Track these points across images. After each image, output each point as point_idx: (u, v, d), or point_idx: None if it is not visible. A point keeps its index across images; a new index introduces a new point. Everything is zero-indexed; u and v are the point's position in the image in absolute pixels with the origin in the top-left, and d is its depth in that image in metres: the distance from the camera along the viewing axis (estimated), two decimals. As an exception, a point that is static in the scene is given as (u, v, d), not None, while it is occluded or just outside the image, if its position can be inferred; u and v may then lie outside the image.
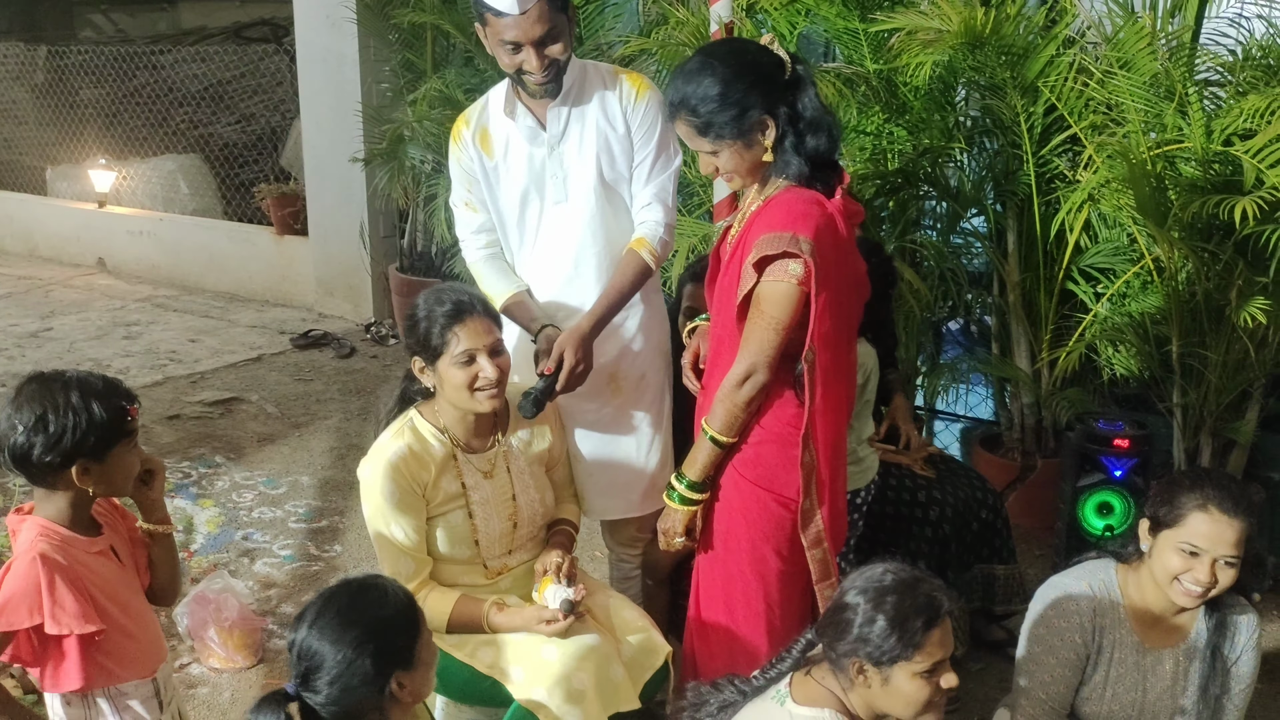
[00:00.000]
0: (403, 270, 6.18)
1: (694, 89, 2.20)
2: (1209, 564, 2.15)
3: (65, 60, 8.78)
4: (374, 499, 2.44)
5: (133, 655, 2.09)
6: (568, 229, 2.71)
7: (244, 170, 7.99)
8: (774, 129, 2.21)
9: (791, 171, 2.23)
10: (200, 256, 7.44)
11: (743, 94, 2.18)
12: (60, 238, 8.16)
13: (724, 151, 2.24)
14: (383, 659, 1.79)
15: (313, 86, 6.53)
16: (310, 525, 4.11)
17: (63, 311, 6.85)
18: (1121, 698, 2.30)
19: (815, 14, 4.17)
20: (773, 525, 2.34)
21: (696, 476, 2.33)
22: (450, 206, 2.86)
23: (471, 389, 2.41)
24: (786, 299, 2.17)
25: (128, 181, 8.07)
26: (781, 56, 2.22)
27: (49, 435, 1.92)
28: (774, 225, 2.17)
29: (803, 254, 2.13)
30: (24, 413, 1.93)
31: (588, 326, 2.63)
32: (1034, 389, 4.13)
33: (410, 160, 5.58)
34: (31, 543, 1.97)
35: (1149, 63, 3.39)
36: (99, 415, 1.95)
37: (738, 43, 2.27)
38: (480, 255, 2.80)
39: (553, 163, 2.68)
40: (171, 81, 8.56)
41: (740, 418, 2.26)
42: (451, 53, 5.69)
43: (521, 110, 2.67)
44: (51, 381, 1.97)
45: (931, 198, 4.29)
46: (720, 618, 2.43)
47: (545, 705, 2.31)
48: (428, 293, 2.49)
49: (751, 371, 2.22)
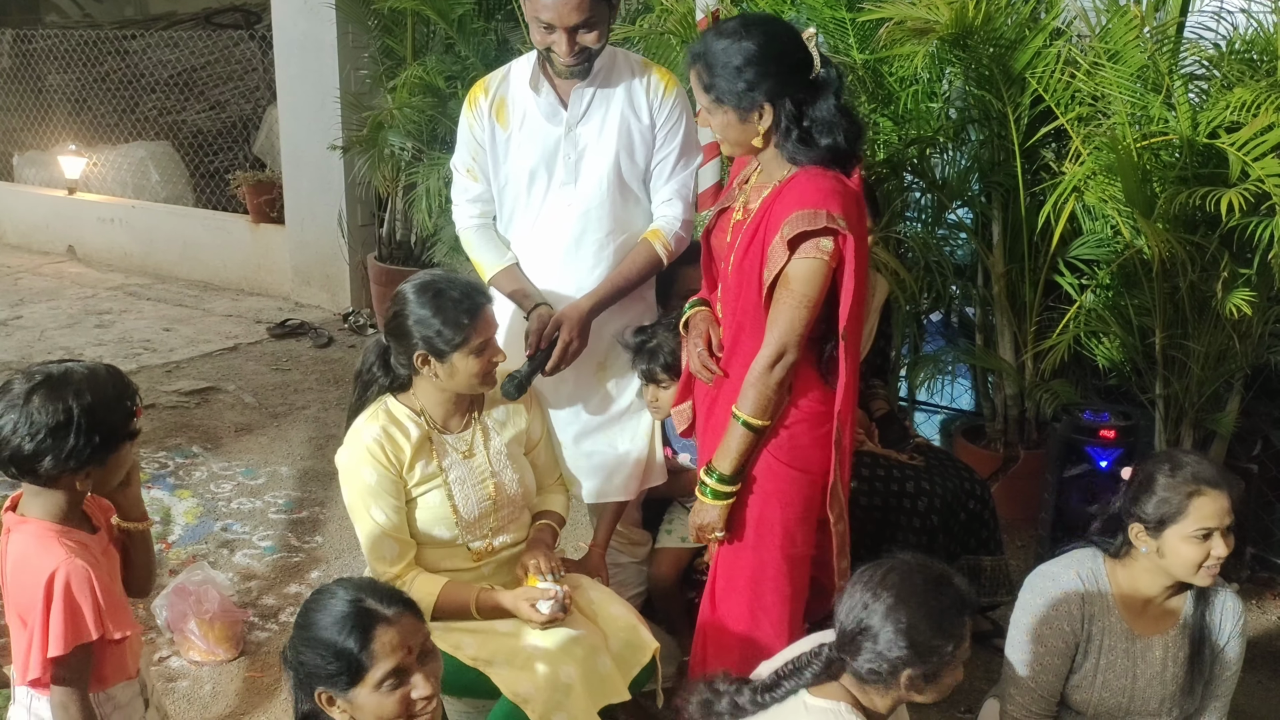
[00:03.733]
0: (381, 259, 6.12)
1: (719, 48, 2.23)
2: (1221, 537, 2.18)
3: (31, 45, 8.64)
4: (353, 483, 2.42)
5: (125, 656, 2.04)
6: (571, 212, 2.70)
7: (215, 158, 7.89)
8: (769, 117, 2.22)
9: (801, 156, 2.23)
10: (174, 244, 7.34)
11: (756, 73, 2.20)
12: (29, 225, 8.03)
13: (719, 115, 2.27)
14: None
15: (289, 73, 6.45)
16: (290, 516, 4.06)
17: (32, 299, 6.74)
18: (1111, 684, 2.31)
19: (801, 3, 4.16)
20: (805, 506, 2.36)
21: (729, 469, 2.31)
22: (450, 168, 2.83)
23: (483, 375, 2.41)
24: (818, 275, 2.18)
25: (97, 168, 7.95)
26: (812, 54, 2.23)
27: (62, 448, 1.84)
28: (805, 202, 2.17)
29: (840, 229, 2.15)
30: (35, 422, 1.83)
31: (588, 306, 2.63)
32: (1018, 380, 4.14)
33: (390, 148, 5.52)
34: (60, 551, 1.89)
35: (1136, 55, 3.40)
36: (109, 423, 1.89)
37: (779, 26, 2.28)
38: (472, 224, 2.80)
39: (567, 143, 2.67)
40: (141, 68, 8.44)
41: (773, 400, 2.26)
42: (432, 39, 5.62)
43: (545, 86, 2.65)
44: (62, 387, 1.86)
45: (917, 189, 4.29)
46: (742, 608, 2.42)
47: (532, 699, 2.29)
48: (415, 295, 2.40)
49: (783, 351, 2.22)
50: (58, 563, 1.87)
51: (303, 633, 1.77)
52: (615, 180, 2.67)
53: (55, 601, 1.85)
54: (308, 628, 1.76)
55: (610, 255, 2.71)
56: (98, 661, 1.95)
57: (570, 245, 2.70)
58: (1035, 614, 2.31)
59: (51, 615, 1.85)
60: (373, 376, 2.49)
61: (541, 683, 2.30)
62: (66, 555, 1.88)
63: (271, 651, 3.24)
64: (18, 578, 1.92)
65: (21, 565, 1.91)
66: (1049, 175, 3.87)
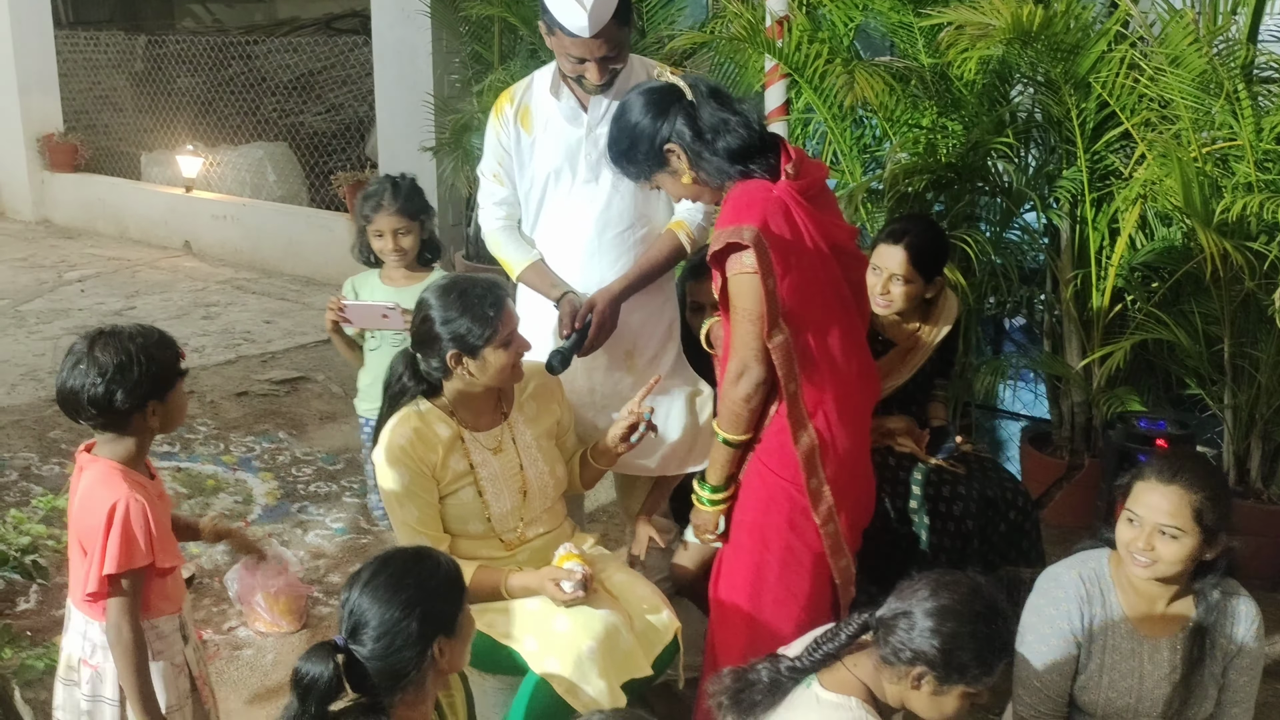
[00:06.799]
0: (468, 257, 6.31)
1: (613, 150, 2.44)
2: (1147, 532, 2.18)
3: (163, 49, 9.09)
4: (387, 483, 2.55)
5: (171, 591, 2.28)
6: (592, 207, 2.82)
7: (330, 159, 8.20)
8: (680, 151, 2.35)
9: (724, 173, 2.33)
10: (279, 241, 7.68)
11: (646, 134, 2.36)
12: (149, 221, 8.48)
13: (664, 184, 2.44)
14: (427, 622, 1.90)
15: (387, 77, 6.70)
16: (362, 500, 4.25)
17: (147, 291, 7.13)
18: (1118, 684, 2.30)
19: (870, 8, 4.18)
20: (797, 513, 2.40)
21: (716, 481, 2.45)
22: (478, 174, 2.99)
23: (513, 367, 2.53)
24: (750, 289, 2.24)
25: (217, 168, 8.35)
26: (676, 84, 2.37)
27: (129, 382, 2.12)
28: (723, 221, 2.28)
29: (746, 241, 2.21)
30: (100, 364, 2.12)
31: (619, 289, 2.76)
32: (1085, 387, 4.08)
33: (474, 150, 5.70)
34: (124, 486, 2.15)
35: (1196, 60, 3.34)
36: (162, 359, 2.18)
37: (637, 94, 2.43)
38: (499, 225, 2.95)
39: (588, 144, 2.80)
40: (263, 71, 8.79)
41: (743, 414, 2.33)
42: (518, 45, 5.79)
43: (566, 92, 2.80)
44: (116, 336, 2.16)
45: (984, 192, 4.27)
46: (743, 603, 2.48)
47: (559, 675, 2.39)
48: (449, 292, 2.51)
49: (743, 368, 2.30)
50: (120, 495, 2.14)
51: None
52: None
53: (115, 527, 2.12)
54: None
55: (632, 248, 2.83)
56: (146, 590, 2.20)
57: (594, 240, 2.82)
58: (1037, 612, 2.32)
59: (110, 538, 2.12)
60: (403, 387, 2.60)
61: (567, 658, 2.39)
62: (129, 490, 2.15)
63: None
64: (85, 505, 2.19)
65: (89, 496, 2.18)
66: (1116, 180, 3.82)
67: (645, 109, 2.37)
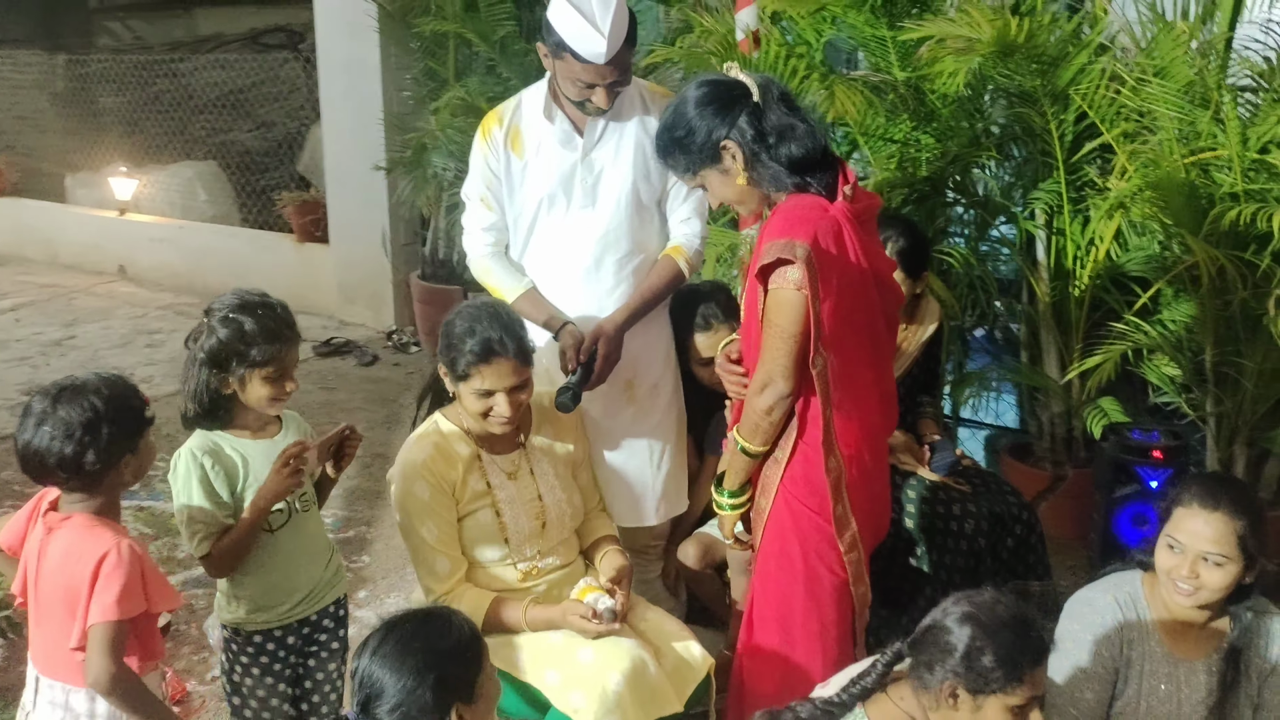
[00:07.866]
0: (424, 278, 6.18)
1: (663, 135, 2.33)
2: (1191, 560, 2.16)
3: (85, 68, 8.82)
4: (405, 500, 2.48)
5: (149, 641, 2.16)
6: (590, 234, 2.75)
7: (261, 177, 8.02)
8: (736, 151, 2.26)
9: (779, 182, 2.26)
10: (221, 264, 7.45)
11: (704, 127, 2.26)
12: (81, 245, 8.20)
13: (710, 181, 2.33)
14: (443, 690, 1.77)
15: (333, 94, 6.53)
16: (337, 535, 4.09)
17: (85, 319, 6.87)
18: (1156, 710, 2.28)
19: (842, 21, 4.16)
20: (824, 543, 2.35)
21: (734, 485, 2.41)
22: (463, 198, 2.88)
23: (485, 416, 2.47)
24: (790, 306, 2.17)
25: (146, 189, 8.10)
26: (744, 82, 2.28)
27: (99, 441, 1.99)
28: (774, 233, 2.20)
29: (797, 259, 2.14)
30: (69, 423, 1.98)
31: (622, 319, 2.70)
32: (1065, 398, 4.10)
33: (433, 169, 5.58)
34: (109, 534, 2.02)
35: (1183, 70, 3.36)
36: (131, 410, 2.05)
37: (700, 81, 2.34)
38: (487, 251, 2.86)
39: (584, 168, 2.73)
40: (190, 88, 8.59)
41: (763, 425, 2.28)
42: (474, 61, 5.68)
43: (560, 115, 2.72)
44: (80, 392, 2.02)
45: (960, 205, 4.27)
46: (774, 640, 2.43)
47: (582, 709, 2.30)
48: (467, 314, 2.48)
49: (768, 381, 2.24)
50: (111, 543, 2.00)
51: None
52: (634, 201, 2.74)
53: (112, 574, 1.98)
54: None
55: (630, 275, 2.77)
56: (129, 642, 2.06)
57: (590, 267, 2.76)
58: (1073, 639, 2.29)
59: (104, 586, 1.98)
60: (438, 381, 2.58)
61: (592, 693, 2.31)
62: (116, 536, 2.02)
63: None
64: (65, 567, 2.03)
65: (70, 555, 2.03)
66: (1094, 191, 3.84)
67: (709, 100, 2.26)
